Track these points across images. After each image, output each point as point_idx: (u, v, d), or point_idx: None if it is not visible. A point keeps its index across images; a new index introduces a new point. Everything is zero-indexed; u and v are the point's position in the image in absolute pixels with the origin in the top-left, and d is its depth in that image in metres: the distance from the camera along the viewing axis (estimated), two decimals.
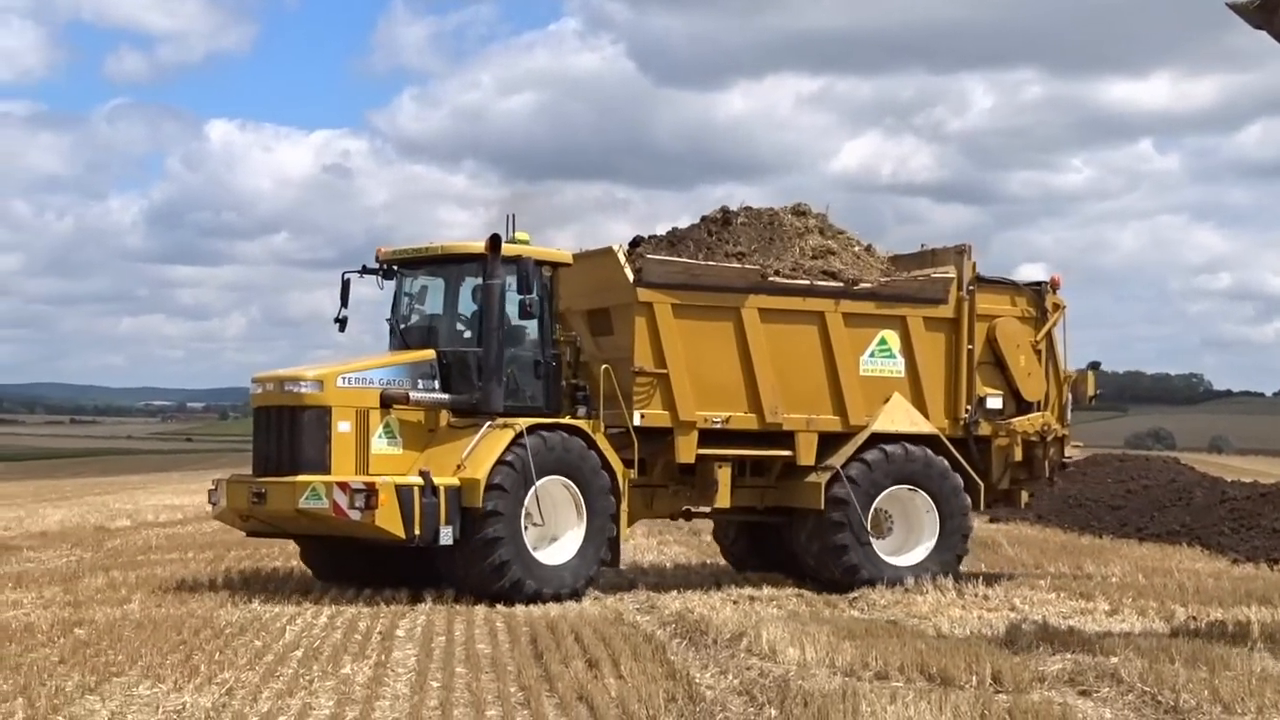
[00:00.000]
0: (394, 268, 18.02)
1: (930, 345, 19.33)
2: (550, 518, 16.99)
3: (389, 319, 18.07)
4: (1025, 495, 20.69)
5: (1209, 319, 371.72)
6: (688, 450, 18.08)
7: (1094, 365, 20.86)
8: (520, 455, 16.52)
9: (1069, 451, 20.58)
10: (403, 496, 16.07)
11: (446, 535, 16.23)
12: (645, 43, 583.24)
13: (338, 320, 18.21)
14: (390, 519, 16.02)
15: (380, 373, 17.00)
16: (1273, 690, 10.47)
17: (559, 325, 18.14)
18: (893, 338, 19.15)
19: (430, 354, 17.32)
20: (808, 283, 18.62)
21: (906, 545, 18.93)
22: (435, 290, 18.06)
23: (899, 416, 18.94)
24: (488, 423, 16.80)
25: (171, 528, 28.57)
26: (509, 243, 17.30)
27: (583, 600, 16.76)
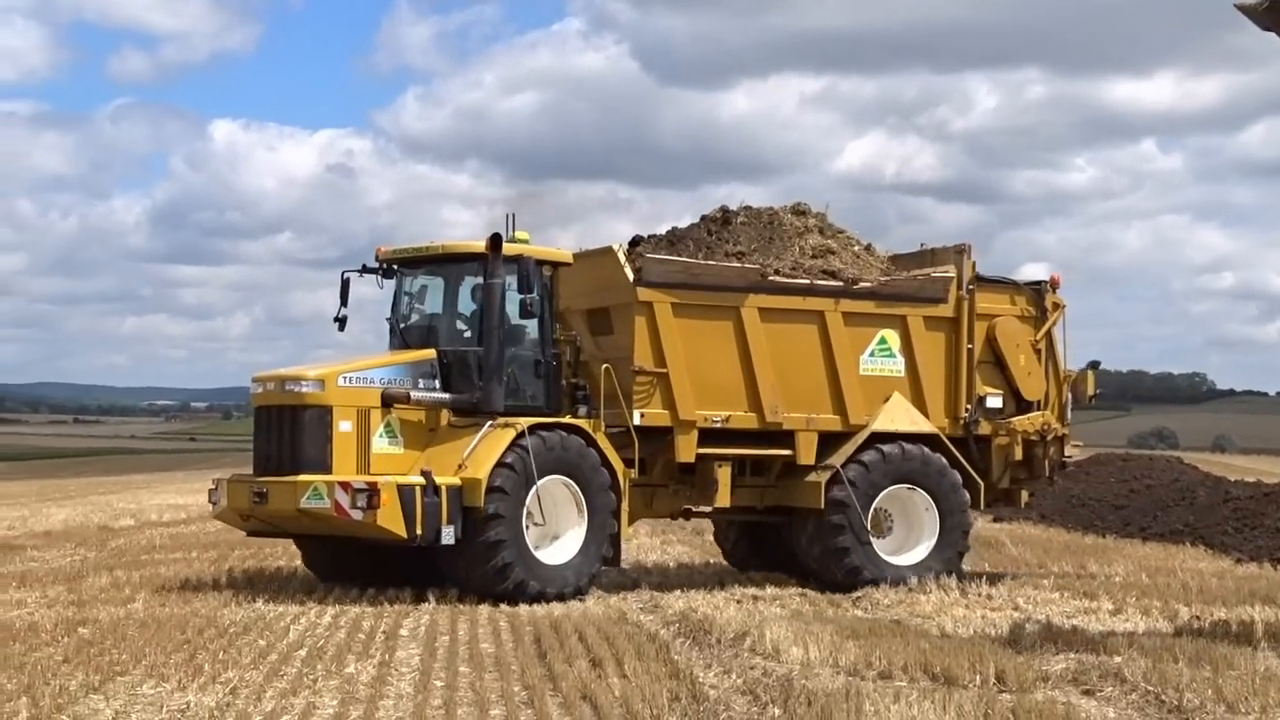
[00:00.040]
0: (394, 267, 18.01)
1: (930, 344, 19.33)
2: (551, 517, 16.99)
3: (389, 318, 18.09)
4: (1025, 494, 20.69)
5: (1212, 319, 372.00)
6: (688, 449, 18.09)
7: (1094, 364, 20.87)
8: (521, 456, 16.53)
9: (1069, 451, 20.61)
10: (405, 496, 16.07)
11: (448, 535, 16.23)
12: (649, 42, 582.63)
13: (337, 319, 18.22)
14: (392, 519, 16.02)
15: (381, 372, 17.01)
16: (1276, 690, 10.46)
17: (559, 325, 18.15)
18: (892, 337, 19.16)
19: (431, 353, 17.32)
20: (807, 282, 18.63)
21: (907, 544, 18.93)
22: (435, 290, 18.05)
23: (899, 416, 18.94)
24: (488, 422, 16.80)
25: (175, 527, 28.59)
26: (509, 242, 17.29)
27: (586, 600, 16.77)
